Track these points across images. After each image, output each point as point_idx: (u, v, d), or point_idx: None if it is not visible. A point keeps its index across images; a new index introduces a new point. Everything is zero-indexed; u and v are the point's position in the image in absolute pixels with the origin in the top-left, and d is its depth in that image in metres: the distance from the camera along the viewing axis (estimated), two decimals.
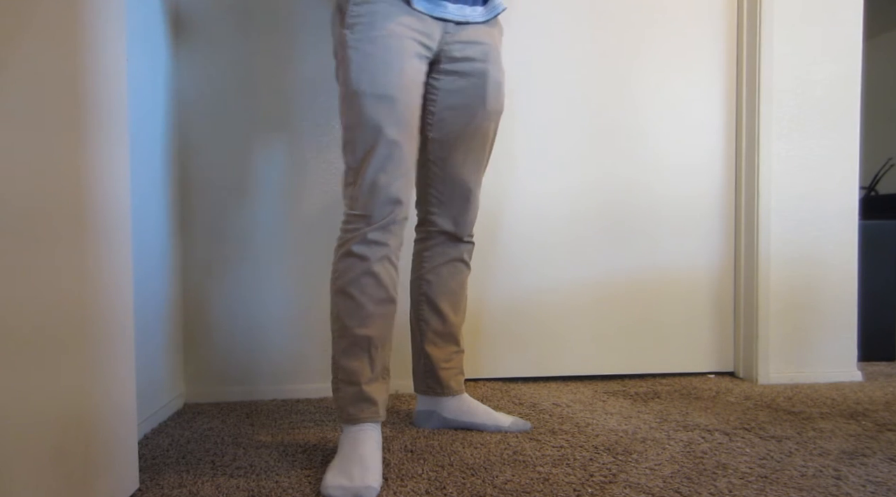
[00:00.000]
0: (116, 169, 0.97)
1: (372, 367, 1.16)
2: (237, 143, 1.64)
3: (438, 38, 1.22)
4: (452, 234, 1.34)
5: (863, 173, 1.96)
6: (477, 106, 1.27)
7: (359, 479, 1.02)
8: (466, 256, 1.38)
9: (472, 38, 1.25)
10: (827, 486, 1.03)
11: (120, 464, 0.98)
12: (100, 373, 0.92)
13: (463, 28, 1.24)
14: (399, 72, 1.15)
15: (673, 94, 1.82)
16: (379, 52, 1.14)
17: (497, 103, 1.30)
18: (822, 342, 1.81)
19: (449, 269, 1.36)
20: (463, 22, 1.24)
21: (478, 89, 1.27)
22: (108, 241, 0.94)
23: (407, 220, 1.19)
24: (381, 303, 1.16)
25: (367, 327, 1.15)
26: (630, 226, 1.83)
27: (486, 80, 1.27)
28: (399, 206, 1.15)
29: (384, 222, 1.14)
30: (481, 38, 1.26)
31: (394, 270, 1.19)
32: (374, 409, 1.14)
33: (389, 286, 1.17)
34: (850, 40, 1.79)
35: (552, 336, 1.82)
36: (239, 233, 1.65)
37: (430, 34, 1.20)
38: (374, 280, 1.15)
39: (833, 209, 1.80)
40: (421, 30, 1.19)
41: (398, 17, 1.16)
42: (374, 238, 1.14)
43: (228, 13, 1.62)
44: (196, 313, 1.64)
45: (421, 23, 1.19)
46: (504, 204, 1.79)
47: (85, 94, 0.88)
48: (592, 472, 1.10)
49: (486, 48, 1.27)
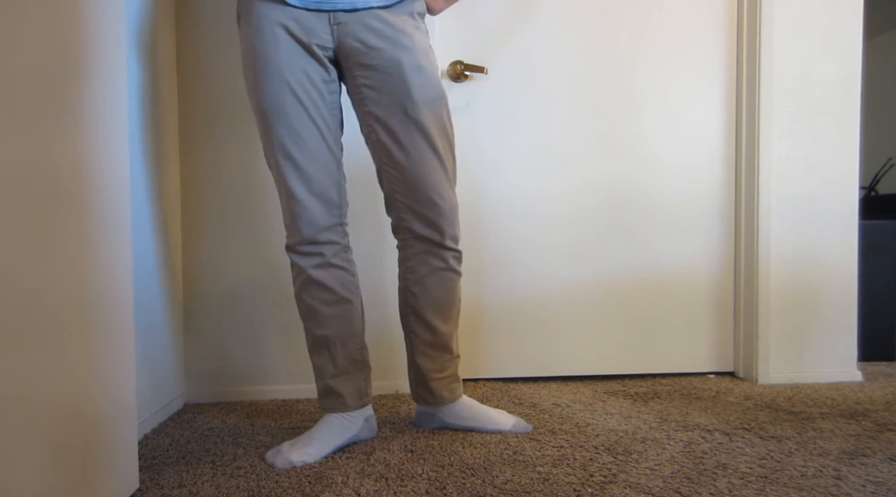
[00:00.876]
0: (116, 168, 0.97)
1: (334, 363, 1.25)
2: (238, 142, 1.64)
3: (328, 33, 1.15)
4: (431, 239, 1.25)
5: (863, 173, 1.96)
6: (403, 99, 1.18)
7: (286, 451, 1.16)
8: (454, 264, 1.28)
9: (369, 25, 1.15)
10: (827, 486, 1.03)
11: (120, 463, 0.98)
12: (100, 372, 0.92)
13: (356, 16, 1.15)
14: (279, 84, 1.14)
15: (673, 94, 1.82)
16: (254, 62, 1.15)
17: (425, 91, 1.18)
18: (822, 342, 1.80)
19: (434, 280, 1.27)
20: (352, 9, 1.14)
21: (397, 81, 1.17)
22: (107, 241, 0.94)
23: (337, 227, 1.23)
24: (332, 304, 1.23)
25: (324, 327, 1.23)
26: (630, 225, 1.83)
27: (402, 69, 1.16)
28: (299, 223, 1.20)
29: (300, 238, 1.20)
30: (382, 25, 1.15)
31: (340, 271, 1.23)
32: (340, 401, 1.24)
33: (336, 287, 1.23)
34: (850, 40, 1.79)
35: (552, 336, 1.82)
36: (239, 232, 1.65)
37: (312, 29, 1.14)
38: (317, 285, 1.22)
39: (833, 209, 1.80)
40: (302, 27, 1.13)
41: (272, 16, 1.13)
42: (307, 250, 1.22)
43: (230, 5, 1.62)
44: (196, 313, 1.64)
45: (300, 20, 1.13)
46: (503, 204, 1.79)
47: (85, 93, 0.88)
48: (592, 472, 1.10)
49: (389, 34, 1.15)
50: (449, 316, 1.31)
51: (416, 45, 1.18)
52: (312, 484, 1.06)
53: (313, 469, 1.13)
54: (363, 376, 1.29)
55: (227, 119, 1.63)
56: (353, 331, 1.26)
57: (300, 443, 1.19)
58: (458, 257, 1.30)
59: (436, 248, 1.27)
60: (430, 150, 1.21)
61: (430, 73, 1.20)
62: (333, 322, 1.23)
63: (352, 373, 1.27)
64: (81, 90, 0.87)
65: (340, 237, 1.25)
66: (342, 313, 1.24)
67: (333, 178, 1.22)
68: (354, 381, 1.27)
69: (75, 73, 0.85)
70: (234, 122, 1.63)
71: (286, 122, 1.15)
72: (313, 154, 1.18)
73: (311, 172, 1.18)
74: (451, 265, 1.28)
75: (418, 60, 1.18)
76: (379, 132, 1.21)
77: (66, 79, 0.83)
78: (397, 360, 1.68)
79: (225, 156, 1.63)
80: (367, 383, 1.29)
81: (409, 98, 1.18)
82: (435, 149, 1.21)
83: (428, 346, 1.31)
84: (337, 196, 1.23)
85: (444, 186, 1.23)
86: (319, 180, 1.19)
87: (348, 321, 1.25)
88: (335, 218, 1.23)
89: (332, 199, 1.22)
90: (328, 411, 1.26)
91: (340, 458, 1.19)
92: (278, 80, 1.14)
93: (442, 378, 1.32)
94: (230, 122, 1.63)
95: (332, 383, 1.25)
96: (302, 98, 1.15)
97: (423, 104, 1.19)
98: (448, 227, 1.25)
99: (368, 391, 1.30)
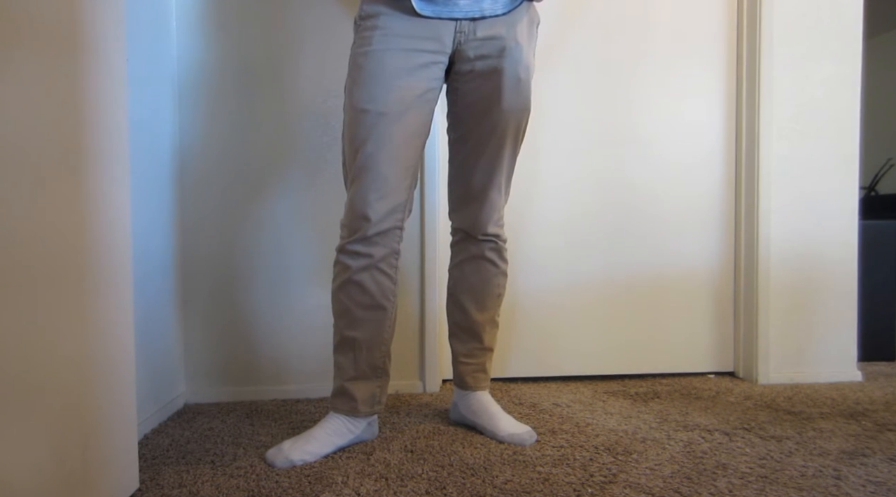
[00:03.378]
0: (116, 169, 0.97)
1: (356, 366, 1.24)
2: (238, 142, 1.64)
3: (452, 39, 1.19)
4: (468, 232, 1.33)
5: (863, 173, 1.96)
6: (492, 104, 1.23)
7: (287, 450, 1.17)
8: (491, 254, 1.33)
9: (488, 34, 1.19)
10: (827, 486, 1.03)
11: (120, 464, 0.98)
12: (100, 372, 0.92)
13: (479, 24, 1.19)
14: (388, 88, 1.16)
15: (673, 93, 1.82)
16: (372, 67, 1.17)
17: (515, 101, 1.23)
18: (822, 342, 1.80)
19: (471, 266, 1.34)
20: (479, 17, 1.18)
21: (492, 88, 1.22)
22: (107, 241, 0.94)
23: (395, 232, 1.22)
24: (367, 308, 1.22)
25: (354, 329, 1.23)
26: (630, 226, 1.83)
27: (500, 77, 1.21)
28: (366, 223, 1.18)
29: (358, 236, 1.20)
30: (498, 33, 1.20)
31: (383, 277, 1.23)
32: (351, 404, 1.24)
33: (376, 293, 1.22)
34: (850, 40, 1.79)
35: (552, 336, 1.82)
36: (239, 232, 1.65)
37: (440, 38, 1.18)
38: (358, 288, 1.21)
39: (833, 209, 1.80)
40: (427, 36, 1.17)
41: (400, 28, 1.16)
42: (353, 249, 1.20)
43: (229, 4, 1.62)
44: (196, 313, 1.64)
45: (428, 28, 1.17)
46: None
47: (85, 93, 0.88)
48: (592, 472, 1.10)
49: (502, 43, 1.20)
50: (483, 305, 1.35)
51: (521, 52, 1.22)
52: (312, 484, 1.06)
53: (313, 469, 1.13)
54: (380, 384, 1.28)
55: (227, 116, 1.63)
56: (381, 338, 1.25)
57: (300, 441, 1.20)
58: (497, 248, 1.34)
59: (472, 239, 1.33)
60: (499, 155, 1.27)
61: (523, 82, 1.24)
62: (364, 326, 1.23)
63: (370, 379, 1.26)
64: (82, 90, 0.87)
65: (395, 242, 1.23)
66: (374, 319, 1.23)
67: (405, 183, 1.21)
68: (371, 388, 1.26)
69: (75, 74, 0.85)
70: (235, 120, 1.63)
71: (378, 124, 1.16)
72: (395, 158, 1.18)
73: (387, 174, 1.18)
74: (487, 255, 1.33)
75: (516, 70, 1.21)
76: (457, 131, 1.29)
77: (66, 78, 0.83)
78: (398, 361, 1.68)
79: (225, 154, 1.63)
80: (382, 392, 1.28)
81: (498, 105, 1.22)
82: (504, 155, 1.28)
83: (460, 330, 1.36)
84: (404, 200, 1.22)
85: (496, 189, 1.29)
86: (392, 183, 1.19)
87: (378, 328, 1.24)
88: (395, 221, 1.22)
89: (398, 203, 1.21)
90: (336, 411, 1.25)
91: (340, 458, 1.19)
92: (385, 86, 1.16)
93: (468, 364, 1.36)
94: (231, 119, 1.63)
95: (348, 385, 1.24)
96: (403, 104, 1.17)
97: (511, 112, 1.24)
98: (486, 224, 1.31)
99: (382, 400, 1.29)
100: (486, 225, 1.31)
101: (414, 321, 1.70)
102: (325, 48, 1.64)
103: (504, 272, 1.36)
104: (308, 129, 1.65)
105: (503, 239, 1.35)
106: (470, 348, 1.37)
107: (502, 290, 1.37)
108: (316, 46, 1.64)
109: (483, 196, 1.29)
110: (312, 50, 1.64)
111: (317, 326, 1.67)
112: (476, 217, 1.31)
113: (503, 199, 1.33)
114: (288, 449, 1.17)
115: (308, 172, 1.66)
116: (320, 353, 1.67)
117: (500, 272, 1.35)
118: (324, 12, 1.64)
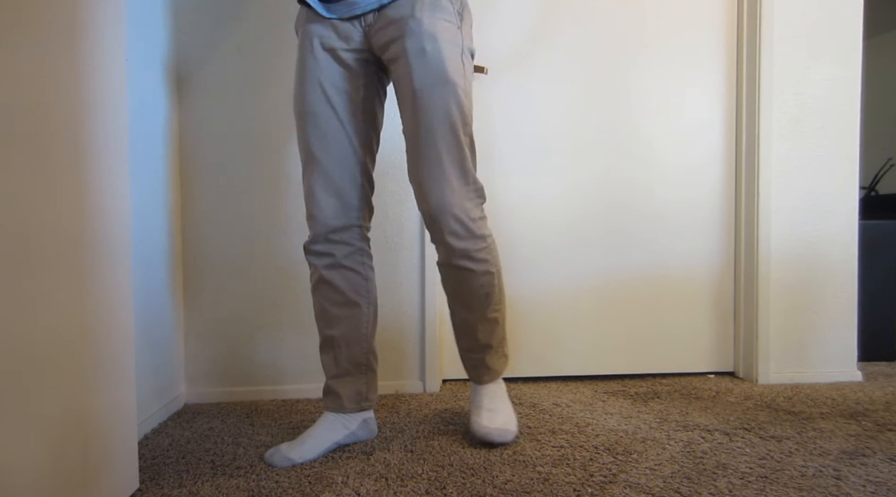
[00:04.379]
0: (116, 168, 0.97)
1: (337, 363, 1.27)
2: (238, 142, 1.64)
3: (360, 34, 1.19)
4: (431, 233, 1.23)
5: (863, 173, 1.96)
6: (406, 87, 1.15)
7: (285, 449, 1.18)
8: (460, 261, 1.20)
9: (388, 20, 1.16)
10: (827, 486, 1.03)
11: (120, 464, 0.98)
12: (100, 373, 0.92)
13: (381, 13, 1.17)
14: (307, 89, 1.20)
15: (673, 94, 1.82)
16: (298, 72, 1.23)
17: (426, 76, 1.12)
18: (822, 342, 1.80)
19: (443, 271, 1.25)
20: (378, 7, 1.16)
21: (402, 70, 1.15)
22: (107, 241, 0.94)
23: (353, 230, 1.23)
24: (340, 306, 1.25)
25: (332, 328, 1.26)
26: (630, 226, 1.83)
27: (405, 55, 1.13)
28: (313, 221, 1.22)
29: (315, 236, 1.23)
30: (398, 15, 1.15)
31: (352, 274, 1.25)
32: (337, 402, 1.27)
33: (346, 290, 1.25)
34: (850, 40, 1.79)
35: (552, 336, 1.82)
36: (239, 232, 1.65)
37: (349, 36, 1.19)
38: (328, 286, 1.25)
39: (833, 209, 1.80)
40: (338, 36, 1.19)
41: (316, 31, 1.21)
42: (315, 249, 1.24)
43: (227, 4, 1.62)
44: (196, 313, 1.64)
45: (336, 29, 1.19)
46: (503, 204, 1.79)
47: (85, 93, 0.88)
48: (592, 472, 1.10)
49: (402, 23, 1.14)
50: (468, 306, 1.26)
51: (422, 25, 1.13)
52: (312, 484, 1.06)
53: (313, 469, 1.13)
54: (365, 380, 1.29)
55: (227, 116, 1.63)
56: (359, 334, 1.27)
57: (297, 441, 1.22)
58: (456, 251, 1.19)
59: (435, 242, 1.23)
60: (432, 146, 1.15)
61: (431, 54, 1.12)
62: (340, 323, 1.25)
63: (353, 375, 1.27)
64: (81, 89, 0.87)
65: (355, 240, 1.25)
66: (349, 315, 1.25)
67: (354, 181, 1.23)
68: (355, 385, 1.27)
69: (75, 73, 0.85)
70: (234, 120, 1.63)
71: (314, 123, 1.20)
72: (336, 155, 1.21)
73: (331, 172, 1.21)
74: (451, 262, 1.21)
75: (420, 42, 1.12)
76: (403, 123, 1.20)
77: (66, 78, 0.83)
78: (398, 361, 1.68)
79: (225, 154, 1.63)
80: (368, 387, 1.29)
81: (410, 85, 1.14)
82: (437, 145, 1.15)
83: (455, 326, 1.33)
84: (356, 198, 1.23)
85: (438, 186, 1.15)
86: (338, 181, 1.21)
87: (355, 324, 1.26)
88: (351, 220, 1.23)
89: (349, 201, 1.22)
90: (327, 410, 1.28)
91: (340, 458, 1.19)
92: (311, 86, 1.20)
93: (469, 357, 1.33)
94: (231, 119, 1.63)
95: (332, 383, 1.28)
96: (333, 101, 1.20)
97: (426, 90, 1.13)
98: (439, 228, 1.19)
99: (369, 396, 1.29)
100: (442, 228, 1.17)
101: (414, 321, 1.70)
102: None
103: (486, 271, 1.22)
104: None
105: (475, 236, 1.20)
106: (466, 343, 1.32)
107: (490, 288, 1.24)
108: None
109: (429, 194, 1.16)
110: None
111: (316, 327, 1.67)
112: (429, 218, 1.18)
113: (460, 196, 1.17)
114: (286, 449, 1.19)
115: None
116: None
117: (478, 273, 1.22)
118: None
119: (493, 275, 1.25)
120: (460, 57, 1.17)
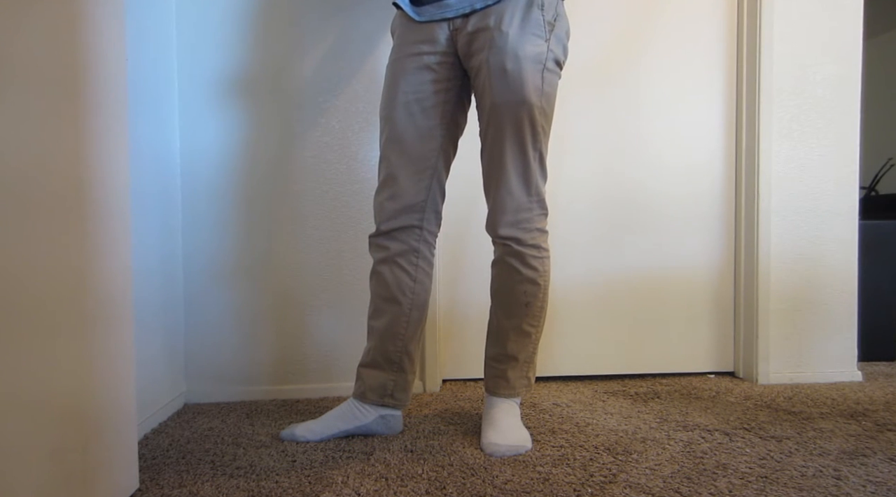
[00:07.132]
0: (116, 166, 0.97)
1: (371, 353, 1.30)
2: (238, 142, 1.64)
3: (447, 38, 1.21)
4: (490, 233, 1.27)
5: (863, 173, 1.96)
6: (485, 100, 1.20)
7: (299, 427, 1.29)
8: (511, 259, 1.24)
9: (477, 28, 1.17)
10: (827, 486, 1.03)
11: (120, 463, 0.98)
12: (100, 372, 0.92)
13: (471, 19, 1.18)
14: (394, 94, 1.23)
15: (672, 94, 1.82)
16: (387, 75, 1.27)
17: (505, 95, 1.16)
18: (822, 342, 1.80)
19: (495, 269, 1.28)
20: (470, 12, 1.17)
21: (482, 83, 1.19)
22: (107, 241, 0.94)
23: (412, 230, 1.26)
24: (385, 300, 1.29)
25: (375, 318, 1.30)
26: (630, 226, 1.83)
27: (487, 70, 1.17)
28: (379, 220, 1.28)
29: (377, 230, 1.29)
30: (486, 24, 1.16)
31: (400, 272, 1.28)
32: (361, 389, 1.31)
33: (392, 286, 1.28)
34: (850, 40, 1.79)
35: (552, 336, 1.81)
36: (240, 233, 1.65)
37: (435, 39, 1.21)
38: (378, 279, 1.30)
39: (833, 209, 1.80)
40: (425, 39, 1.21)
41: (406, 35, 1.24)
42: (375, 242, 1.30)
43: (228, 7, 1.62)
44: (196, 313, 1.64)
45: (424, 32, 1.21)
46: None
47: (85, 92, 0.88)
48: (592, 472, 1.10)
49: (489, 34, 1.16)
50: (508, 311, 1.27)
51: (507, 41, 1.14)
52: (312, 484, 1.06)
53: (313, 469, 1.13)
54: (393, 378, 1.29)
55: (228, 116, 1.63)
56: (394, 332, 1.28)
57: (310, 421, 1.30)
58: (513, 252, 1.23)
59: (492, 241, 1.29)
60: (503, 154, 1.21)
61: (511, 73, 1.15)
62: (381, 316, 1.29)
63: (383, 370, 1.30)
64: (81, 89, 0.87)
65: (412, 240, 1.27)
66: (390, 311, 1.28)
67: (422, 186, 1.26)
68: (381, 379, 1.30)
69: (75, 73, 0.85)
70: (235, 120, 1.63)
71: (392, 128, 1.25)
72: (404, 161, 1.25)
73: (399, 177, 1.25)
74: (506, 259, 1.25)
75: (501, 61, 1.15)
76: (482, 128, 1.25)
77: (66, 78, 0.83)
78: None
79: (225, 154, 1.63)
80: (396, 386, 1.29)
81: (490, 100, 1.19)
82: (506, 153, 1.21)
83: (489, 331, 1.33)
84: (420, 203, 1.26)
85: (503, 189, 1.22)
86: (403, 186, 1.25)
87: (393, 320, 1.28)
88: (412, 221, 1.26)
89: (411, 204, 1.26)
90: (352, 395, 1.33)
91: (340, 458, 1.19)
92: (395, 92, 1.24)
93: (492, 366, 1.31)
94: (232, 119, 1.63)
95: (361, 370, 1.32)
96: (412, 109, 1.23)
97: (503, 107, 1.18)
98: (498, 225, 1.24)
99: (395, 394, 1.29)
100: (497, 226, 1.23)
101: None
102: (323, 49, 1.65)
103: (531, 279, 1.24)
104: (306, 130, 1.65)
105: (527, 244, 1.23)
106: (493, 352, 1.31)
107: (531, 298, 1.25)
108: (314, 48, 1.64)
109: (493, 196, 1.24)
110: (310, 51, 1.64)
111: (316, 327, 1.67)
112: (490, 217, 1.26)
113: (520, 201, 1.22)
114: (300, 426, 1.28)
115: (307, 173, 1.66)
116: (320, 353, 1.67)
117: (523, 279, 1.24)
118: (321, 16, 1.64)
119: (539, 287, 1.26)
120: (541, 74, 1.18)
